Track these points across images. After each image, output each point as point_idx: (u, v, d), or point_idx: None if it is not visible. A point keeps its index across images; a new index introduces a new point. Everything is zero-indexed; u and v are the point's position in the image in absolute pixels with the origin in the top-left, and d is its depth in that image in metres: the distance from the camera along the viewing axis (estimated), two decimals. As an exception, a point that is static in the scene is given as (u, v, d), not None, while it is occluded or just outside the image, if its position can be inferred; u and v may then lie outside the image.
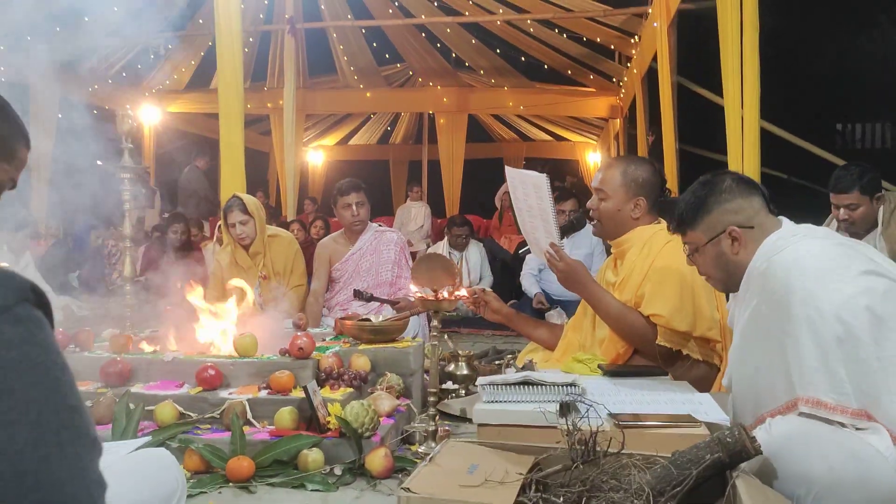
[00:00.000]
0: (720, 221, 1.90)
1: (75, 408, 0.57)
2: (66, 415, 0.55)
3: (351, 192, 4.06)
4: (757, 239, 1.87)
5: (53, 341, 0.58)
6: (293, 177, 9.29)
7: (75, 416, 0.56)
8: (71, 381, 0.59)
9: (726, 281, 1.95)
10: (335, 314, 4.01)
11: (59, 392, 0.56)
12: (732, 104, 4.85)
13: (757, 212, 1.90)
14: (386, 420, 2.46)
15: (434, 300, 2.11)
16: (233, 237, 4.00)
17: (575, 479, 1.52)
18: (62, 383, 0.57)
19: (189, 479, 2.15)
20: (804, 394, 1.64)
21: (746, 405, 1.82)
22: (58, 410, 0.55)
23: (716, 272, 1.95)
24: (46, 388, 0.55)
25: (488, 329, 5.05)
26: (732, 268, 1.90)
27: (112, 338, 2.82)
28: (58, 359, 0.58)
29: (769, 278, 1.74)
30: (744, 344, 1.82)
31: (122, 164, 4.08)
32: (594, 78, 10.68)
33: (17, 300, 0.56)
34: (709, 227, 1.92)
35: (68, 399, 0.57)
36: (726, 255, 1.90)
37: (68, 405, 0.56)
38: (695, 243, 1.96)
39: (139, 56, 10.14)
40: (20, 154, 1.22)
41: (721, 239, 1.90)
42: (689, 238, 1.98)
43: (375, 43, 10.87)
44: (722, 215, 1.90)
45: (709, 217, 1.92)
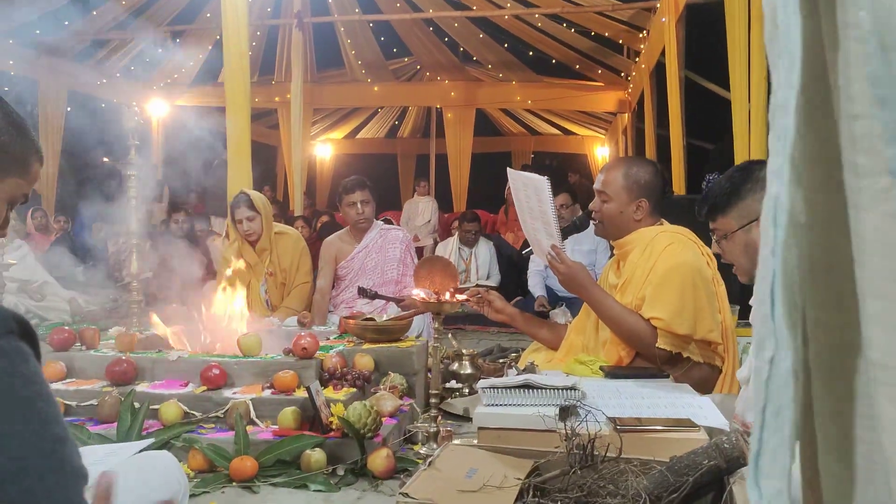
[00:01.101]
0: (753, 209, 1.88)
1: (59, 438, 0.57)
2: (49, 446, 0.56)
3: (356, 191, 4.06)
4: None
5: (38, 371, 0.58)
6: (300, 171, 9.32)
7: (58, 446, 0.56)
8: (56, 411, 0.59)
9: (752, 270, 1.93)
10: (340, 312, 4.03)
11: (42, 424, 0.56)
12: (740, 98, 4.85)
13: None
14: (388, 420, 2.48)
15: (436, 302, 2.12)
16: (239, 233, 4.02)
17: (573, 485, 1.53)
18: (46, 414, 0.57)
19: (193, 478, 2.17)
20: None
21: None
22: (41, 442, 0.55)
23: (743, 261, 1.93)
24: (29, 421, 0.55)
25: (493, 326, 5.05)
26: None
27: (118, 336, 2.84)
28: (41, 389, 0.58)
29: None
30: None
31: (129, 160, 4.12)
32: (602, 72, 10.65)
33: (1, 333, 0.57)
34: (741, 214, 1.90)
35: (51, 429, 0.57)
36: (756, 243, 1.87)
37: (52, 436, 0.57)
38: (724, 230, 1.94)
39: (147, 50, 10.16)
40: (34, 170, 1.25)
41: (752, 227, 1.88)
42: (719, 224, 1.96)
43: (383, 37, 10.86)
44: (755, 203, 1.87)
45: (742, 204, 1.90)
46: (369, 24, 10.38)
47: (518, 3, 9.02)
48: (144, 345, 2.87)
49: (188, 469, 2.19)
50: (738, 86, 4.86)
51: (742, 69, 4.80)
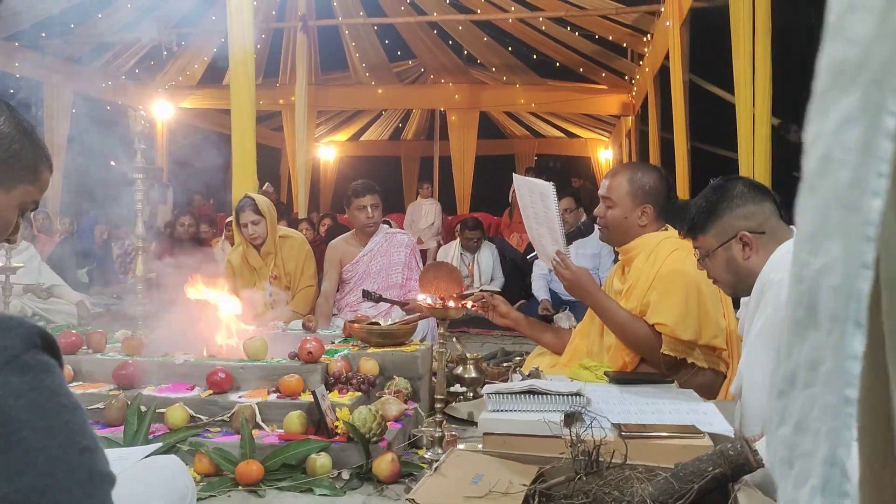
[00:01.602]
0: (731, 226, 1.91)
1: (86, 448, 0.58)
2: (77, 458, 0.57)
3: (366, 195, 4.07)
4: (768, 245, 1.87)
5: (62, 384, 0.59)
6: (304, 173, 9.34)
7: (85, 457, 0.58)
8: (82, 420, 0.60)
9: (736, 285, 1.97)
10: (345, 315, 4.04)
11: (69, 436, 0.57)
12: (744, 102, 4.86)
13: (768, 217, 1.91)
14: (393, 425, 2.49)
15: (441, 308, 2.13)
16: (244, 237, 4.04)
17: (578, 491, 1.53)
18: (72, 426, 0.58)
19: (199, 482, 2.18)
20: None
21: (755, 414, 1.83)
22: (67, 455, 0.56)
23: (726, 277, 1.97)
24: (56, 435, 0.56)
25: (497, 330, 5.06)
26: (743, 273, 1.90)
27: (124, 340, 2.86)
28: (67, 401, 0.59)
29: (783, 290, 1.74)
30: (755, 353, 1.83)
31: (135, 164, 4.13)
32: (606, 75, 10.66)
33: (25, 348, 0.57)
34: (720, 232, 1.93)
35: (78, 440, 0.58)
36: (737, 260, 1.91)
37: (79, 447, 0.58)
38: (705, 248, 1.97)
39: (152, 52, 10.20)
40: (44, 177, 1.27)
41: (732, 244, 1.91)
42: (699, 243, 1.99)
43: (387, 40, 10.89)
44: (733, 220, 1.91)
45: (720, 222, 1.93)
46: (373, 27, 10.41)
47: (522, 6, 9.04)
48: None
49: (194, 473, 2.20)
50: (743, 90, 4.87)
51: (746, 73, 4.81)
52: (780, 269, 1.79)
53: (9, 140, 1.19)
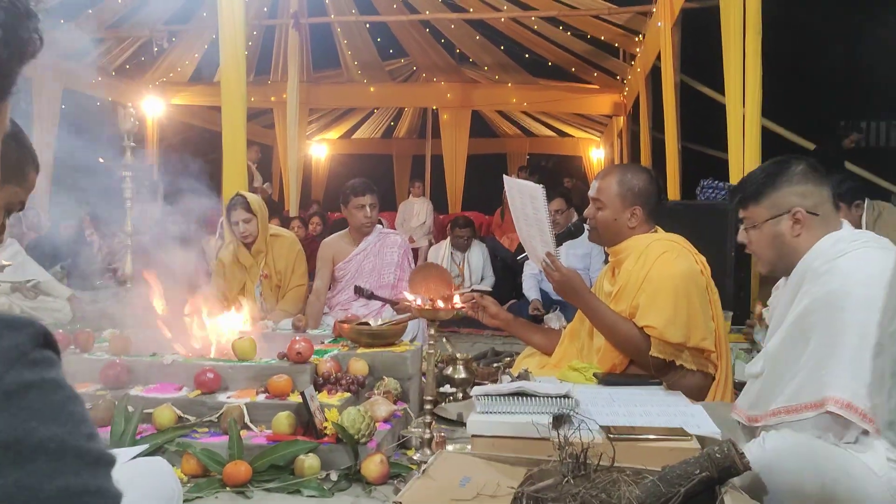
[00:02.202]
0: (787, 201, 1.88)
1: (91, 435, 0.63)
2: (84, 444, 0.61)
3: (366, 194, 4.06)
4: (817, 229, 1.85)
5: (63, 377, 0.64)
6: (296, 171, 9.32)
7: (91, 442, 0.62)
8: (83, 410, 0.64)
9: (776, 263, 1.93)
10: (336, 313, 4.03)
11: (75, 425, 0.61)
12: (734, 103, 4.88)
13: (824, 202, 1.87)
14: (382, 426, 2.48)
15: (431, 309, 2.13)
16: (235, 235, 4.02)
17: (566, 494, 1.53)
18: (76, 415, 0.62)
19: (186, 483, 2.18)
20: (836, 394, 1.64)
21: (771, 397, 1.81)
22: (76, 441, 0.61)
23: (768, 252, 1.93)
24: (63, 422, 0.60)
25: (487, 329, 5.06)
26: (787, 250, 1.87)
27: (112, 339, 2.84)
28: (70, 392, 0.63)
29: (829, 281, 1.73)
30: (787, 338, 1.79)
31: (125, 162, 4.12)
32: (598, 75, 10.68)
33: (33, 346, 0.62)
34: (773, 204, 1.89)
35: (83, 428, 0.62)
36: (784, 236, 1.87)
37: (85, 434, 0.62)
38: (754, 219, 1.93)
39: (143, 48, 10.15)
40: (30, 178, 1.29)
41: (783, 219, 1.88)
42: (749, 213, 1.95)
43: (380, 38, 10.88)
44: (790, 196, 1.88)
45: (776, 194, 1.89)
46: (366, 25, 10.39)
47: (515, 5, 9.04)
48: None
49: (182, 474, 2.19)
50: (733, 91, 4.89)
51: (737, 74, 4.83)
52: (826, 257, 1.77)
53: None
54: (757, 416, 1.85)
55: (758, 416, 1.84)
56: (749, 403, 1.91)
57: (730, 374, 2.49)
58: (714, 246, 3.72)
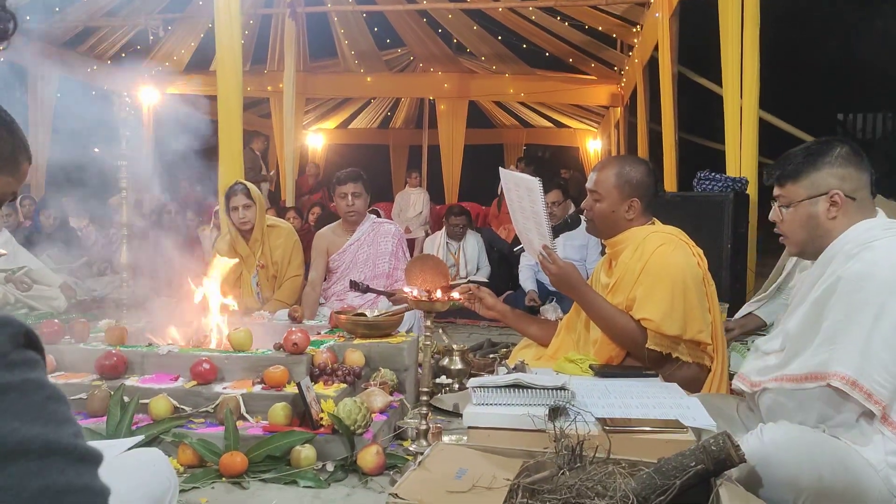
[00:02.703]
0: (826, 183, 1.86)
1: (76, 433, 0.62)
2: (70, 441, 0.61)
3: (347, 183, 4.05)
4: (853, 213, 1.83)
5: (46, 377, 0.64)
6: (292, 161, 9.29)
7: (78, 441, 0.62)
8: (66, 409, 0.63)
9: (806, 244, 1.91)
10: (331, 304, 4.03)
11: (58, 424, 0.61)
12: (732, 94, 4.87)
13: (863, 187, 1.86)
14: (378, 416, 2.49)
15: (427, 301, 2.13)
16: (233, 222, 4.01)
17: (562, 485, 1.54)
18: (59, 414, 0.62)
19: (182, 473, 2.18)
20: (842, 370, 1.64)
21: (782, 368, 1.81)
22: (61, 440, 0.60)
23: (800, 232, 1.91)
24: (46, 422, 0.60)
25: (483, 320, 5.05)
26: (820, 232, 1.86)
27: (108, 329, 2.83)
28: (53, 392, 0.63)
29: (857, 262, 1.72)
30: (807, 315, 1.79)
31: (120, 151, 4.09)
32: (595, 66, 10.65)
33: (13, 346, 0.61)
34: (812, 184, 1.87)
35: (67, 427, 0.62)
36: (819, 217, 1.86)
37: (69, 433, 0.62)
38: (790, 198, 1.91)
39: (138, 37, 10.08)
40: (23, 168, 1.28)
41: (820, 200, 1.86)
42: (786, 191, 1.92)
43: (377, 27, 10.81)
44: (829, 177, 1.86)
45: (816, 174, 1.87)
46: (363, 15, 10.33)
47: (513, -5, 9.00)
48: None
49: (178, 464, 2.20)
50: (731, 82, 4.88)
51: (735, 65, 4.83)
52: (858, 241, 1.76)
53: None
54: (760, 381, 1.85)
55: (761, 381, 1.85)
56: (755, 370, 1.91)
57: (725, 366, 2.50)
58: (710, 238, 3.72)
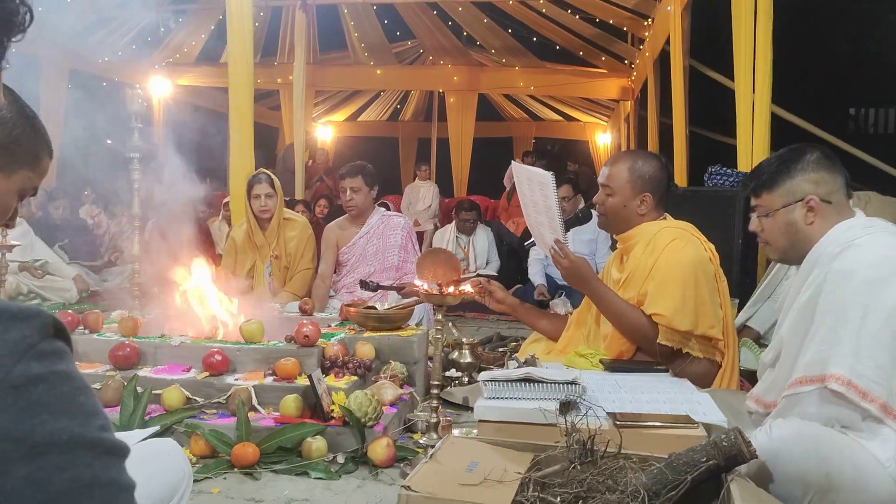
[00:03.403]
0: (801, 189, 1.88)
1: (102, 426, 0.62)
2: (96, 435, 0.61)
3: (346, 178, 4.10)
4: (830, 216, 1.85)
5: (74, 368, 0.63)
6: (301, 153, 9.30)
7: (104, 434, 0.62)
8: (94, 401, 0.63)
9: (788, 251, 1.93)
10: (341, 297, 4.05)
11: (85, 416, 0.61)
12: (744, 88, 4.84)
13: (837, 190, 1.88)
14: (389, 409, 2.50)
15: (439, 295, 2.13)
16: (253, 210, 4.04)
17: (572, 479, 1.54)
18: (87, 406, 0.62)
19: (195, 463, 2.20)
20: (836, 371, 1.65)
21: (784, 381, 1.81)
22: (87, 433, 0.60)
23: (780, 240, 1.93)
24: (74, 414, 0.60)
25: (493, 314, 5.07)
26: (800, 238, 1.88)
27: (121, 320, 2.85)
28: (80, 384, 0.62)
29: (840, 261, 1.74)
30: (797, 321, 1.80)
31: (132, 143, 4.11)
32: (606, 59, 10.61)
33: (42, 337, 0.61)
34: (788, 192, 1.90)
35: (94, 420, 0.61)
36: (798, 223, 1.88)
37: (96, 426, 0.61)
38: (767, 207, 1.93)
39: (149, 29, 10.10)
40: (44, 163, 1.28)
41: (796, 207, 1.88)
42: (763, 200, 1.95)
43: (387, 20, 10.80)
44: (803, 184, 1.88)
45: (790, 182, 1.90)
46: (373, 7, 10.31)
47: (523, -12, 8.97)
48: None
49: (190, 454, 2.21)
50: (743, 76, 4.85)
51: (747, 59, 4.79)
52: (839, 242, 1.78)
53: (11, 125, 1.19)
54: (773, 402, 1.85)
55: (774, 401, 1.85)
56: (764, 389, 1.92)
57: (736, 362, 2.49)
58: (721, 233, 3.71)
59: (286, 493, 2.07)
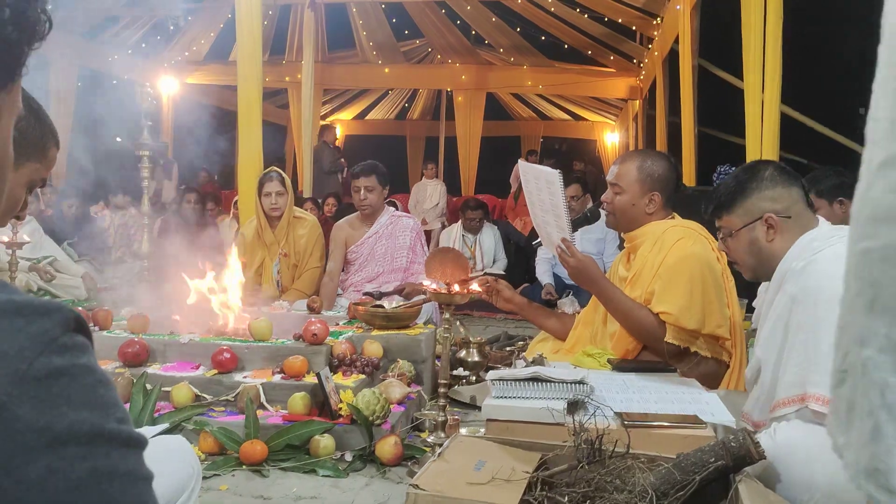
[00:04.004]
0: (757, 208, 1.90)
1: (121, 419, 0.62)
2: (115, 427, 0.61)
3: (360, 176, 4.09)
4: (792, 230, 1.86)
5: (95, 362, 0.64)
6: (310, 151, 9.32)
7: (123, 426, 0.62)
8: (114, 393, 0.64)
9: (757, 269, 1.95)
10: (349, 295, 4.06)
11: (105, 408, 0.61)
12: (753, 88, 4.82)
13: (795, 202, 1.89)
14: (396, 408, 2.50)
15: (447, 294, 2.13)
16: (263, 207, 4.05)
17: (580, 479, 1.54)
18: (107, 398, 0.62)
19: (203, 460, 2.21)
20: (815, 391, 1.64)
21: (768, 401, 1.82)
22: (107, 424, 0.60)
23: (747, 259, 1.95)
24: (94, 406, 0.60)
25: (500, 313, 5.07)
26: (765, 255, 1.89)
27: (130, 318, 2.87)
28: (101, 377, 0.63)
29: (806, 278, 1.74)
30: (769, 338, 1.82)
31: (141, 141, 4.13)
32: (614, 58, 10.60)
33: (63, 331, 0.61)
34: (746, 212, 1.92)
35: (113, 412, 0.62)
36: (760, 241, 1.89)
37: (115, 418, 0.62)
38: (729, 227, 1.96)
39: (158, 27, 10.14)
40: (51, 154, 1.29)
41: (756, 225, 1.90)
42: (724, 222, 1.97)
43: (395, 18, 10.81)
44: (760, 202, 1.90)
45: (747, 202, 1.91)
46: (381, 6, 10.32)
47: (531, -13, 8.96)
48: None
49: (199, 451, 2.22)
50: (752, 75, 4.84)
51: (756, 59, 4.77)
52: (803, 256, 1.78)
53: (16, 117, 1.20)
54: (761, 421, 1.87)
55: (761, 420, 1.86)
56: (751, 407, 1.93)
57: (744, 362, 2.48)
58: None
59: (294, 491, 2.08)
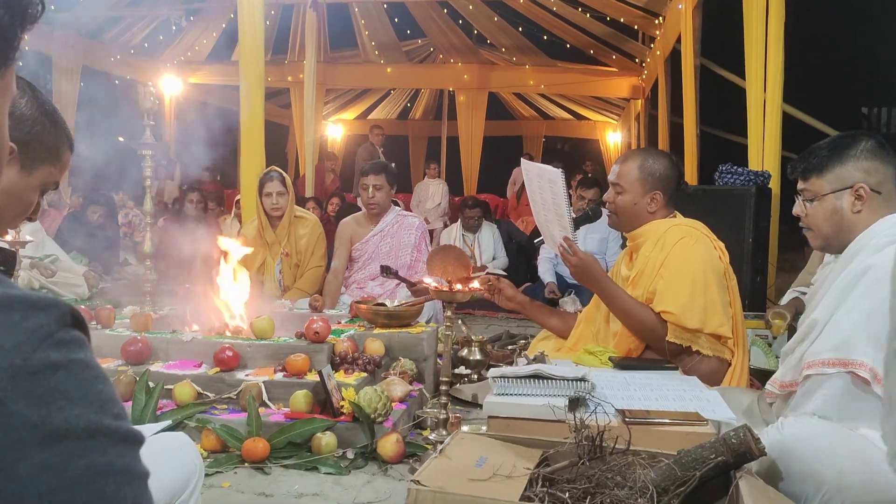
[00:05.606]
0: (851, 176, 1.84)
1: (118, 414, 0.62)
2: (112, 422, 0.61)
3: (370, 174, 4.09)
4: (879, 207, 1.82)
5: (92, 357, 0.64)
6: (312, 151, 9.33)
7: (120, 422, 0.62)
8: (111, 389, 0.63)
9: (830, 238, 1.89)
10: (352, 292, 4.06)
11: (102, 403, 0.61)
12: (755, 87, 4.83)
13: (888, 181, 1.84)
14: (398, 405, 2.51)
15: (448, 291, 2.14)
16: (265, 207, 4.06)
17: (581, 476, 1.55)
18: (104, 394, 0.62)
19: (205, 458, 2.21)
20: (867, 360, 1.63)
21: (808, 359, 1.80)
22: (104, 419, 0.60)
23: (824, 226, 1.89)
24: (91, 402, 0.60)
25: (502, 311, 5.07)
26: (846, 225, 1.84)
27: (133, 316, 2.88)
28: (98, 373, 0.63)
29: (883, 257, 1.70)
30: (830, 305, 1.77)
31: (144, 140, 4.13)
32: (616, 58, 10.59)
33: (59, 326, 0.61)
34: (837, 178, 1.86)
35: (110, 408, 0.62)
36: (844, 210, 1.84)
37: (113, 413, 0.62)
38: (815, 191, 1.89)
39: (161, 27, 10.15)
40: (65, 157, 1.29)
41: (845, 194, 1.84)
42: (810, 184, 1.90)
43: (397, 18, 10.82)
44: (854, 171, 1.84)
45: (841, 168, 1.85)
46: (384, 5, 10.33)
47: (533, -14, 8.96)
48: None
49: (201, 449, 2.23)
50: (754, 75, 4.84)
51: (758, 58, 4.78)
52: (888, 233, 1.75)
53: (31, 122, 1.20)
54: (791, 381, 1.84)
55: (793, 380, 1.83)
56: (784, 371, 1.90)
57: (746, 361, 2.49)
58: (732, 232, 3.70)
59: (296, 488, 2.08)
